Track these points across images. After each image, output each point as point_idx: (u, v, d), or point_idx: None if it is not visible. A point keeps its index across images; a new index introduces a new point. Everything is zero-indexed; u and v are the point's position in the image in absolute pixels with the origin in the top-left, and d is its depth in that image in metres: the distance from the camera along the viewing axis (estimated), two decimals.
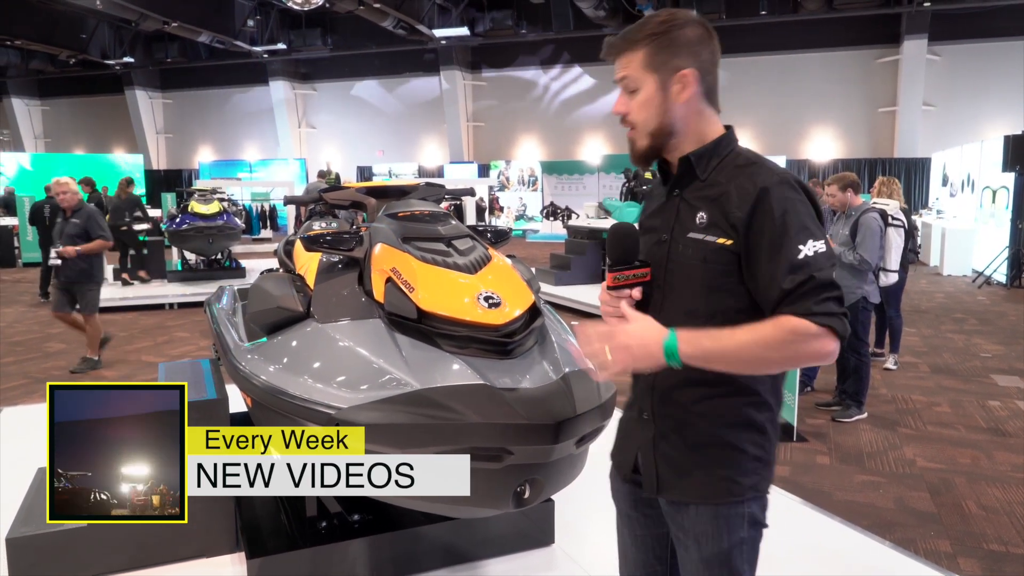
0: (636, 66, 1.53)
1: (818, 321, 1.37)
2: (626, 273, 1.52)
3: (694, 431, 1.54)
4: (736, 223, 1.45)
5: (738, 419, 1.53)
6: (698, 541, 1.56)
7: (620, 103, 1.56)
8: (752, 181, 1.47)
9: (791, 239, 1.42)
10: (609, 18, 19.10)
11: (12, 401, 5.67)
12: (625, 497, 1.75)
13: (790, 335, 1.38)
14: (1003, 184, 12.25)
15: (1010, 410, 5.46)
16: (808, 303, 1.38)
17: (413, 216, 2.61)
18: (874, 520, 3.67)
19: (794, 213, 1.44)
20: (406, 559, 2.89)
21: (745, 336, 1.39)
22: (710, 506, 1.54)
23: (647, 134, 1.55)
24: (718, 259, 1.48)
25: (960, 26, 18.30)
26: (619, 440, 1.74)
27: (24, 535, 2.74)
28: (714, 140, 1.56)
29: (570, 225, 12.53)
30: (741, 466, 1.53)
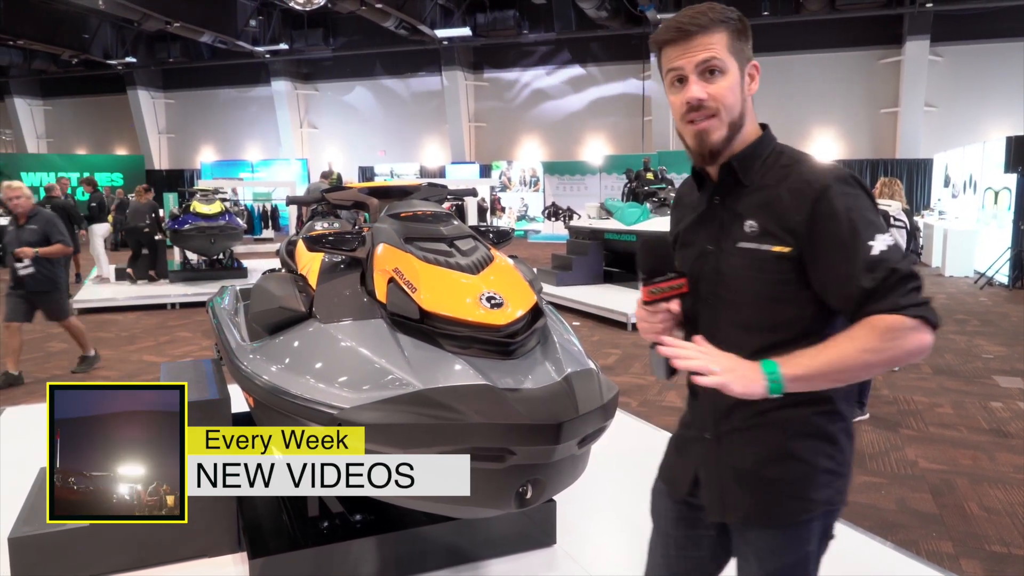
0: (722, 47, 1.40)
1: (910, 314, 1.30)
2: (661, 285, 1.45)
3: (761, 448, 1.46)
4: (795, 228, 1.37)
5: (808, 430, 1.44)
6: (760, 557, 1.48)
7: (698, 88, 1.40)
8: (806, 182, 1.39)
9: (861, 236, 1.34)
10: (611, 18, 19.12)
11: (14, 401, 5.67)
12: (668, 515, 1.65)
13: (888, 334, 1.30)
14: (1005, 185, 12.23)
15: (1012, 411, 5.45)
16: (895, 297, 1.31)
17: (415, 216, 2.61)
18: (876, 521, 3.67)
19: (858, 209, 1.36)
20: (408, 559, 2.89)
21: (843, 347, 1.31)
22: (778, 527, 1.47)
23: (728, 123, 1.42)
24: (775, 268, 1.39)
25: (962, 27, 18.30)
26: (673, 459, 1.66)
27: (26, 535, 2.74)
28: (754, 142, 1.48)
29: (572, 226, 12.52)
30: (814, 481, 1.45)
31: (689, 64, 1.40)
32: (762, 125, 1.51)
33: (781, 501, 1.45)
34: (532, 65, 23.15)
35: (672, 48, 1.43)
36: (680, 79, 1.43)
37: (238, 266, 11.55)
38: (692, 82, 1.40)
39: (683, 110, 1.43)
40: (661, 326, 1.47)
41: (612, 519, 3.47)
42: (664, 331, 1.47)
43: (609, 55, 21.92)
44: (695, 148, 1.45)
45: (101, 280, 11.16)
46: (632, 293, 9.80)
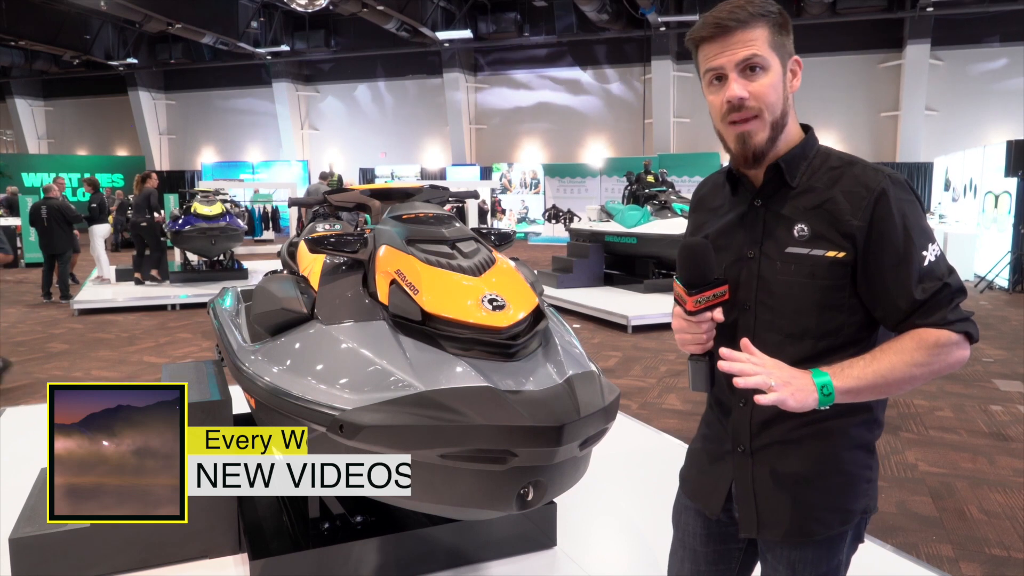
0: (763, 43, 1.34)
1: (956, 329, 1.30)
2: (707, 294, 1.36)
3: (802, 461, 1.41)
4: (852, 232, 1.32)
5: (850, 442, 1.41)
6: (793, 567, 1.44)
7: (739, 86, 1.33)
8: (863, 184, 1.34)
9: (915, 245, 1.31)
10: (612, 21, 19.15)
11: (14, 401, 5.68)
12: (696, 533, 1.58)
13: (936, 348, 1.29)
14: (1005, 189, 12.25)
15: (1012, 415, 5.46)
16: (944, 312, 1.30)
17: (417, 218, 2.62)
18: (876, 524, 3.67)
19: (913, 216, 1.33)
20: (409, 561, 2.89)
21: (893, 359, 1.29)
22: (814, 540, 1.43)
23: (771, 123, 1.37)
24: (830, 274, 1.34)
25: (963, 31, 18.33)
26: (700, 475, 1.57)
27: (27, 535, 2.74)
28: (801, 143, 1.42)
29: (572, 228, 12.53)
30: (854, 491, 1.42)
31: (729, 62, 1.34)
32: (804, 126, 1.46)
33: (821, 515, 1.41)
34: (533, 67, 23.17)
35: (710, 45, 1.36)
36: (719, 77, 1.36)
37: (239, 267, 11.55)
38: (733, 80, 1.34)
39: (723, 110, 1.36)
40: (706, 336, 1.39)
41: (613, 521, 3.47)
42: (708, 340, 1.40)
43: (610, 58, 21.97)
44: (738, 151, 1.39)
45: (101, 281, 11.16)
46: (632, 295, 9.81)
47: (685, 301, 1.37)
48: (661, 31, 19.60)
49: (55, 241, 10.49)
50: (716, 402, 1.54)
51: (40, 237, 10.63)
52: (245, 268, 11.55)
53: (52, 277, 10.66)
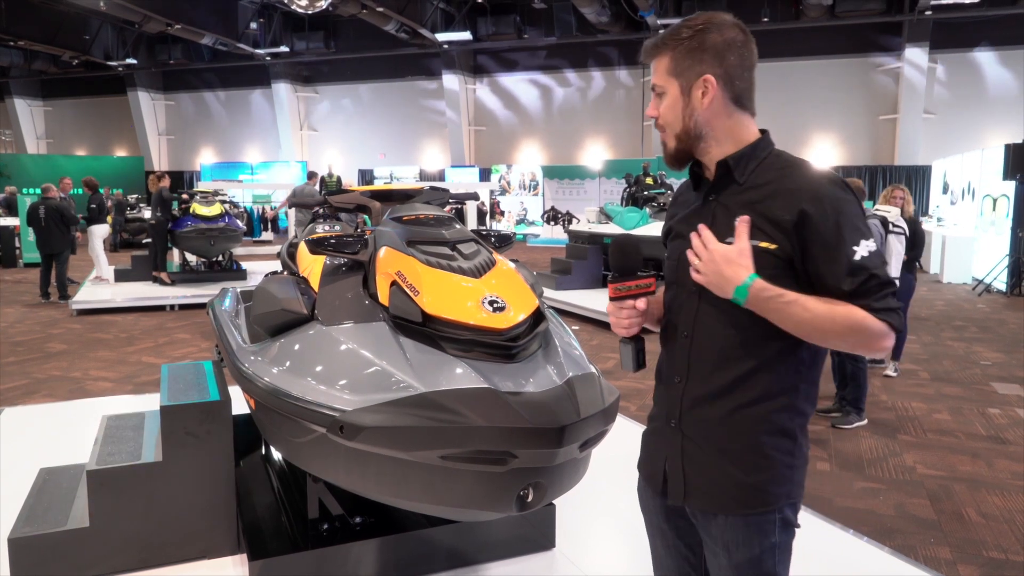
0: (662, 71, 1.56)
1: (881, 317, 1.41)
2: (627, 284, 1.54)
3: (724, 438, 1.52)
4: (784, 226, 1.45)
5: (770, 426, 1.51)
6: (728, 548, 1.54)
7: (652, 107, 1.61)
8: (800, 184, 1.47)
9: (846, 241, 1.42)
10: (611, 23, 19.16)
11: (13, 401, 5.67)
12: (657, 510, 1.70)
13: (857, 325, 1.40)
14: (1003, 192, 12.27)
15: (1010, 418, 5.47)
16: (870, 300, 1.41)
17: (418, 220, 2.62)
18: (874, 527, 3.67)
19: (846, 214, 1.44)
20: (408, 562, 2.90)
21: (816, 307, 1.41)
22: (740, 515, 1.52)
23: (673, 136, 1.58)
24: (762, 263, 1.45)
25: (961, 35, 18.38)
26: (646, 453, 1.70)
27: (26, 535, 2.74)
28: (751, 143, 1.55)
29: (571, 230, 12.55)
30: (774, 475, 1.51)
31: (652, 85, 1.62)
32: (762, 130, 1.59)
33: (743, 491, 1.51)
34: (532, 69, 23.19)
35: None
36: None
37: (237, 268, 11.54)
38: (652, 101, 1.61)
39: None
40: (627, 322, 1.58)
41: (611, 523, 3.47)
42: (630, 327, 1.59)
43: (609, 60, 22.00)
44: (663, 153, 1.62)
45: (100, 281, 11.16)
46: None
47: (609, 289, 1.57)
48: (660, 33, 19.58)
49: (52, 241, 10.49)
50: (658, 379, 1.67)
51: (37, 237, 10.63)
52: (244, 269, 11.55)
53: (50, 277, 10.65)
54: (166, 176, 11.19)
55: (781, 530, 1.55)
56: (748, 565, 1.53)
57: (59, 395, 5.89)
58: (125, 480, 2.83)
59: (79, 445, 3.78)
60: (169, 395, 2.99)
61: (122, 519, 2.84)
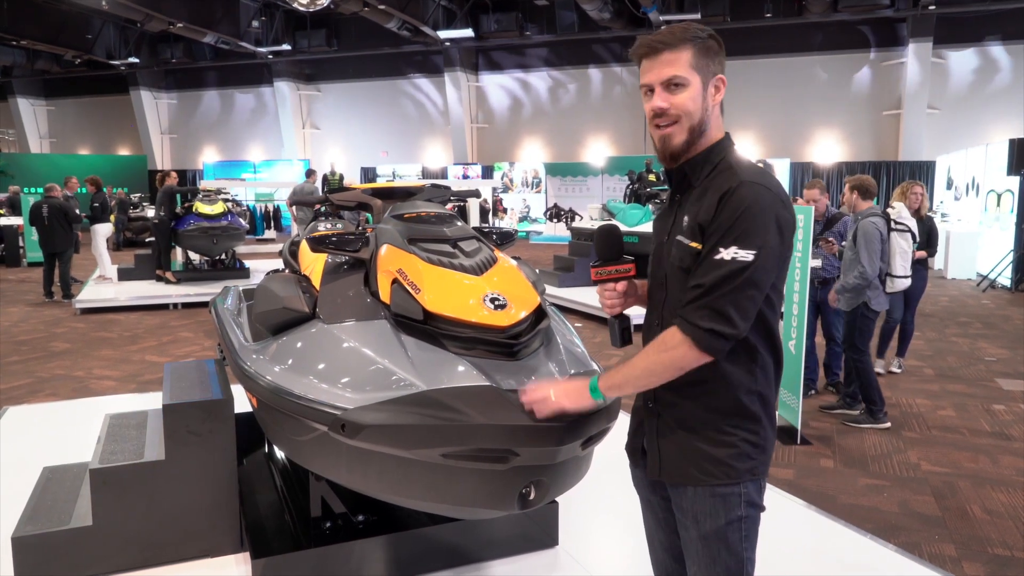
0: (684, 64, 1.59)
1: (683, 328, 1.55)
2: (608, 268, 1.73)
3: (691, 418, 1.65)
4: (704, 226, 1.56)
5: (731, 408, 1.63)
6: (696, 520, 1.66)
7: (662, 99, 1.61)
8: (723, 182, 1.57)
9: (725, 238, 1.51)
10: (613, 20, 19.12)
11: (17, 400, 5.68)
12: (642, 482, 1.85)
13: (661, 346, 1.57)
14: (1008, 187, 12.23)
15: (1015, 414, 5.45)
16: (689, 306, 1.55)
17: (419, 217, 2.61)
18: (878, 524, 3.66)
19: (747, 220, 1.51)
20: (410, 560, 2.89)
21: (641, 361, 1.60)
22: (707, 487, 1.64)
23: (688, 128, 1.61)
24: (690, 262, 1.59)
25: (965, 29, 18.30)
26: (631, 429, 1.85)
27: (29, 534, 2.74)
28: (710, 148, 1.65)
29: (574, 227, 12.52)
30: (737, 451, 1.64)
31: (656, 78, 1.61)
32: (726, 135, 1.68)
33: (708, 465, 1.64)
34: (534, 66, 23.16)
35: (646, 62, 1.63)
36: (651, 89, 1.63)
37: (240, 266, 11.55)
38: (657, 93, 1.61)
39: (650, 116, 1.65)
40: (610, 302, 1.77)
41: (614, 520, 3.47)
42: (613, 306, 1.78)
43: (611, 57, 21.95)
44: (660, 149, 1.67)
45: (103, 280, 11.17)
46: None
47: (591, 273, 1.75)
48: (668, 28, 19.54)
49: (56, 240, 10.51)
50: None
51: (40, 236, 10.64)
52: (247, 267, 11.55)
53: (53, 276, 10.67)
54: (173, 174, 11.19)
55: (746, 505, 1.65)
56: (715, 536, 1.64)
57: (63, 394, 5.90)
58: (128, 479, 2.83)
59: (82, 444, 3.78)
60: (171, 394, 2.99)
61: (125, 518, 2.84)
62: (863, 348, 5.07)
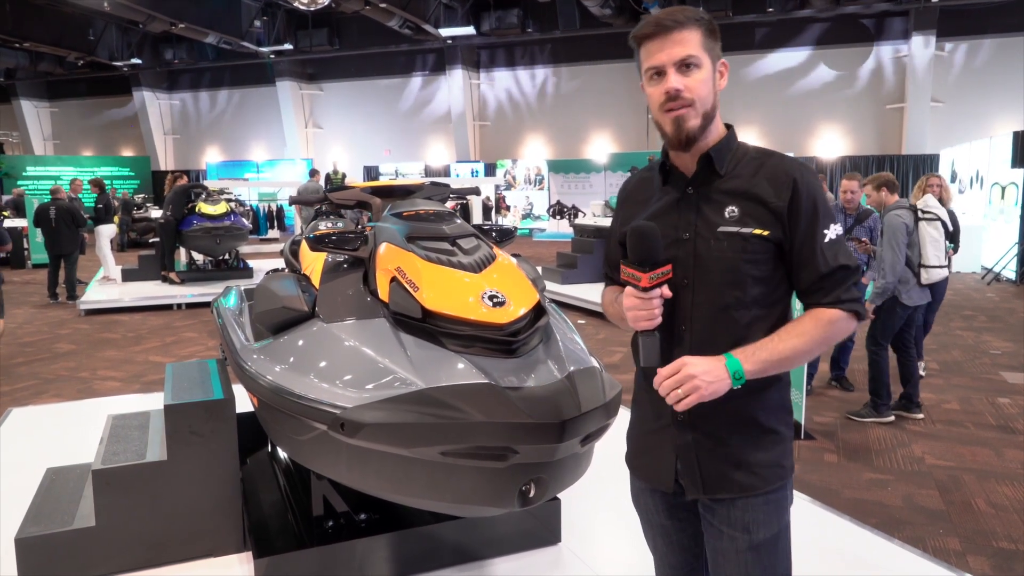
0: (696, 44, 1.52)
1: (846, 308, 1.53)
2: (658, 271, 1.49)
3: (739, 424, 1.57)
4: (778, 212, 1.52)
5: (776, 404, 1.60)
6: (748, 530, 1.57)
7: (676, 80, 1.51)
8: (782, 171, 1.54)
9: (819, 225, 1.53)
10: (615, 16, 19.07)
11: (21, 402, 5.70)
12: (658, 509, 1.72)
13: (829, 326, 1.52)
14: (1012, 180, 12.18)
15: (1020, 407, 5.43)
16: (838, 291, 1.53)
17: (418, 215, 2.61)
18: (882, 518, 3.65)
19: (820, 200, 1.54)
20: (413, 558, 2.90)
21: (795, 340, 1.50)
22: (761, 495, 1.57)
23: (702, 113, 1.53)
24: (757, 249, 1.52)
25: (968, 22, 18.22)
26: (646, 453, 1.70)
27: (33, 535, 2.75)
28: (726, 136, 1.60)
29: (577, 224, 12.52)
30: (784, 448, 1.61)
31: (668, 58, 1.51)
32: (727, 125, 1.63)
33: (760, 471, 1.57)
34: (536, 63, 23.13)
35: (651, 43, 1.53)
36: (659, 72, 1.53)
37: (244, 266, 11.56)
38: (671, 74, 1.51)
39: (661, 100, 1.53)
40: (657, 311, 1.51)
41: (616, 517, 3.46)
42: (659, 315, 1.51)
43: (613, 53, 21.88)
44: (673, 134, 1.54)
45: (107, 281, 11.20)
46: None
47: (640, 279, 1.49)
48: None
49: (63, 242, 10.54)
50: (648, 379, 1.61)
51: (47, 238, 10.66)
52: (250, 267, 11.57)
53: (58, 278, 10.70)
54: (183, 176, 11.24)
55: (789, 505, 1.63)
56: (768, 544, 1.57)
57: (67, 395, 5.92)
58: (130, 479, 2.83)
59: (86, 445, 3.79)
60: (173, 394, 2.99)
61: (128, 518, 2.85)
62: (882, 342, 5.04)
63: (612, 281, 1.81)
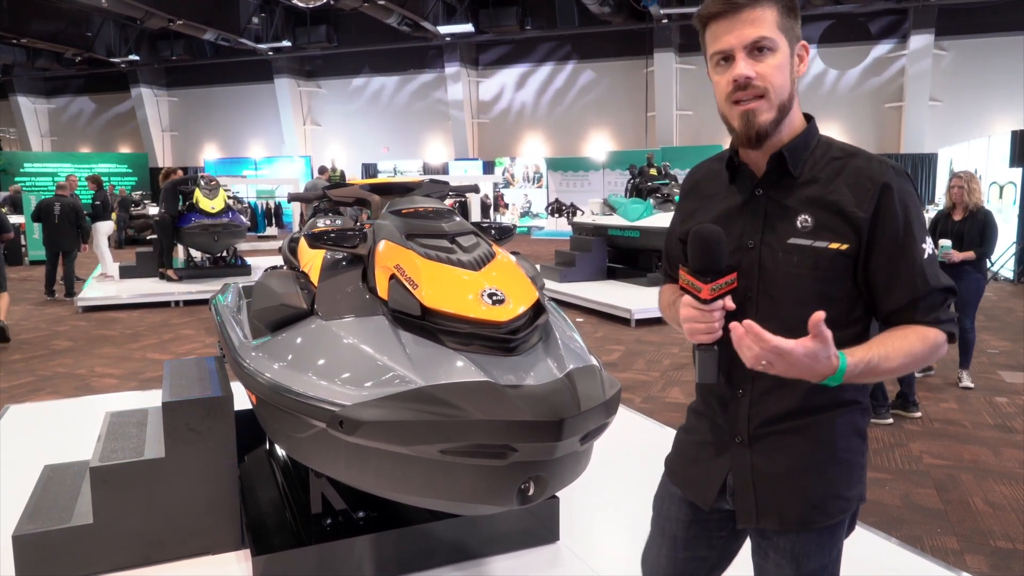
0: (771, 24, 1.33)
1: (945, 329, 1.36)
2: (720, 282, 1.34)
3: (800, 451, 1.42)
4: (857, 224, 1.33)
5: (849, 430, 1.43)
6: (797, 561, 1.44)
7: (746, 65, 1.32)
8: (867, 176, 1.35)
9: (916, 238, 1.34)
10: (614, 14, 19.08)
11: (19, 399, 5.69)
12: (679, 519, 1.59)
13: (933, 346, 1.34)
14: (1010, 179, 12.19)
15: (1017, 406, 5.44)
16: (938, 312, 1.35)
17: (417, 213, 2.60)
18: (880, 517, 3.66)
19: (914, 210, 1.36)
20: (411, 556, 2.89)
21: (900, 355, 1.31)
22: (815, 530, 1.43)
23: (778, 105, 1.36)
24: (832, 266, 1.34)
25: (966, 21, 18.24)
26: (693, 463, 1.57)
27: (30, 532, 2.74)
28: (804, 131, 1.42)
29: (575, 222, 12.51)
30: (852, 478, 1.44)
31: (738, 42, 1.33)
32: (806, 115, 1.46)
33: (820, 503, 1.42)
34: (535, 61, 23.12)
35: (718, 23, 1.35)
36: (726, 58, 1.36)
37: (242, 263, 11.55)
38: (740, 59, 1.33)
39: (729, 89, 1.35)
40: (718, 324, 1.34)
41: (615, 516, 3.46)
42: (720, 329, 1.35)
43: (612, 51, 21.89)
44: (742, 130, 1.37)
45: (105, 278, 11.18)
46: (634, 289, 9.78)
47: (700, 289, 1.33)
48: (663, 23, 19.54)
49: (64, 238, 10.52)
50: (710, 392, 1.52)
51: (48, 233, 10.63)
52: (248, 264, 11.56)
53: (56, 274, 10.68)
54: (179, 172, 11.21)
55: (844, 533, 1.50)
56: (817, 573, 1.46)
57: (64, 392, 5.91)
58: (128, 476, 2.83)
59: (83, 442, 3.78)
60: (171, 391, 2.98)
61: (125, 515, 2.84)
62: None
63: (670, 278, 1.65)
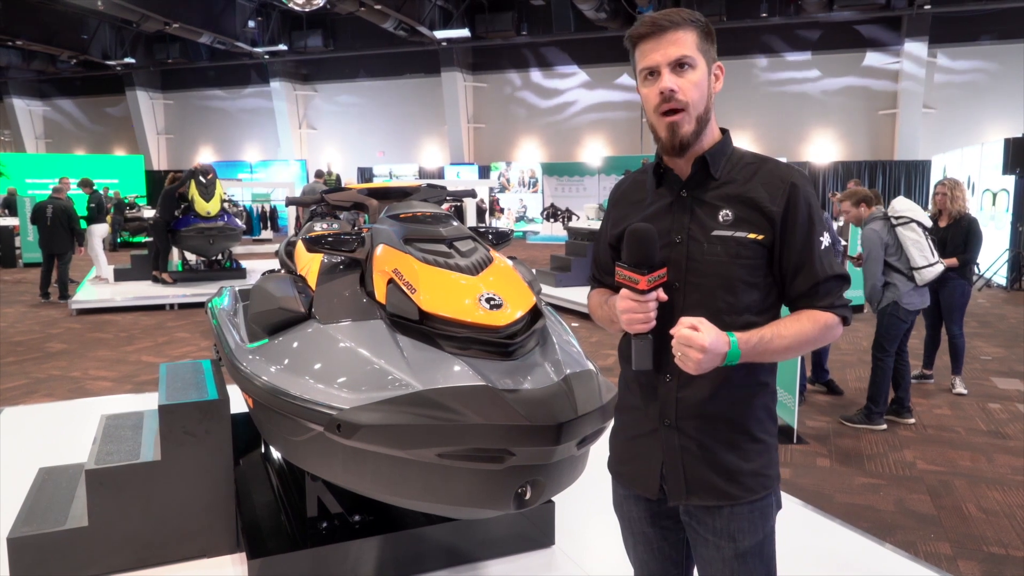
0: (692, 45, 1.51)
1: (839, 313, 1.55)
2: (655, 274, 1.48)
3: (724, 430, 1.57)
4: (772, 217, 1.52)
5: (762, 412, 1.60)
6: (734, 538, 1.58)
7: (671, 80, 1.50)
8: (779, 177, 1.55)
9: (816, 232, 1.54)
10: (609, 20, 19.12)
11: (13, 401, 5.67)
12: (641, 516, 1.73)
13: (824, 329, 1.53)
14: (1003, 187, 12.25)
15: (1010, 413, 5.46)
16: (832, 298, 1.54)
17: (415, 217, 2.61)
18: (874, 522, 3.67)
19: (815, 207, 1.56)
20: (407, 560, 2.89)
21: (791, 333, 1.50)
22: (747, 503, 1.57)
23: (695, 117, 1.53)
24: (751, 254, 1.53)
25: (960, 28, 18.34)
26: (632, 459, 1.70)
27: (25, 535, 2.74)
28: (721, 141, 1.60)
29: (570, 227, 12.54)
30: (769, 457, 1.60)
31: (663, 58, 1.50)
32: (722, 129, 1.63)
33: (744, 480, 1.57)
34: (531, 66, 23.16)
35: (646, 43, 1.53)
36: (652, 72, 1.52)
37: (237, 267, 11.54)
38: (665, 74, 1.50)
39: (656, 102, 1.52)
40: (653, 314, 1.50)
41: (610, 520, 3.44)
42: (654, 318, 1.50)
43: (608, 56, 21.93)
44: (667, 140, 1.54)
45: (100, 280, 11.15)
46: None
47: (638, 281, 1.48)
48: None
49: (58, 241, 10.49)
50: (637, 383, 1.65)
51: (42, 236, 10.60)
52: (243, 267, 11.54)
53: (51, 277, 10.65)
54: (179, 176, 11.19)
55: (775, 512, 1.63)
56: (753, 551, 1.59)
57: (59, 395, 5.89)
58: (124, 479, 2.83)
59: (78, 445, 3.77)
60: (167, 394, 2.98)
61: (121, 518, 2.84)
62: (888, 349, 5.06)
63: (599, 283, 1.81)
